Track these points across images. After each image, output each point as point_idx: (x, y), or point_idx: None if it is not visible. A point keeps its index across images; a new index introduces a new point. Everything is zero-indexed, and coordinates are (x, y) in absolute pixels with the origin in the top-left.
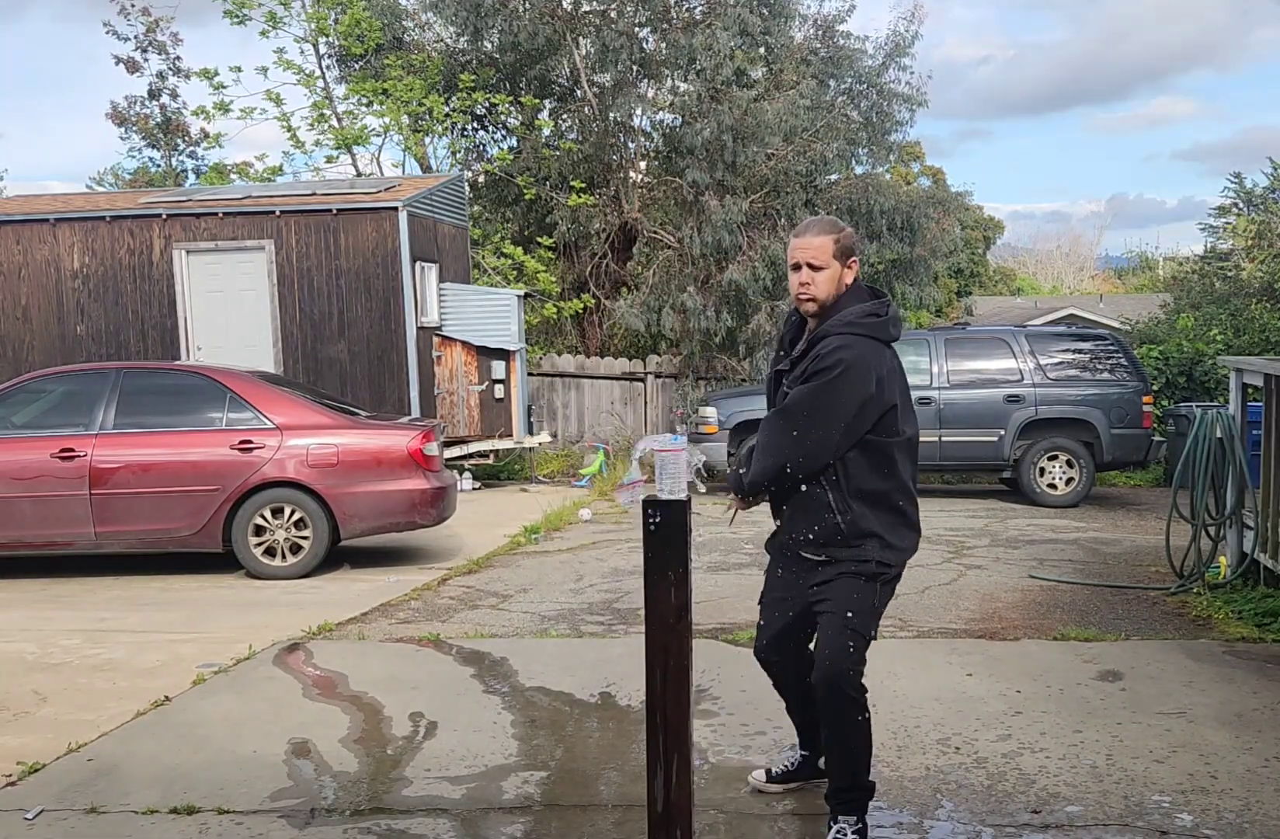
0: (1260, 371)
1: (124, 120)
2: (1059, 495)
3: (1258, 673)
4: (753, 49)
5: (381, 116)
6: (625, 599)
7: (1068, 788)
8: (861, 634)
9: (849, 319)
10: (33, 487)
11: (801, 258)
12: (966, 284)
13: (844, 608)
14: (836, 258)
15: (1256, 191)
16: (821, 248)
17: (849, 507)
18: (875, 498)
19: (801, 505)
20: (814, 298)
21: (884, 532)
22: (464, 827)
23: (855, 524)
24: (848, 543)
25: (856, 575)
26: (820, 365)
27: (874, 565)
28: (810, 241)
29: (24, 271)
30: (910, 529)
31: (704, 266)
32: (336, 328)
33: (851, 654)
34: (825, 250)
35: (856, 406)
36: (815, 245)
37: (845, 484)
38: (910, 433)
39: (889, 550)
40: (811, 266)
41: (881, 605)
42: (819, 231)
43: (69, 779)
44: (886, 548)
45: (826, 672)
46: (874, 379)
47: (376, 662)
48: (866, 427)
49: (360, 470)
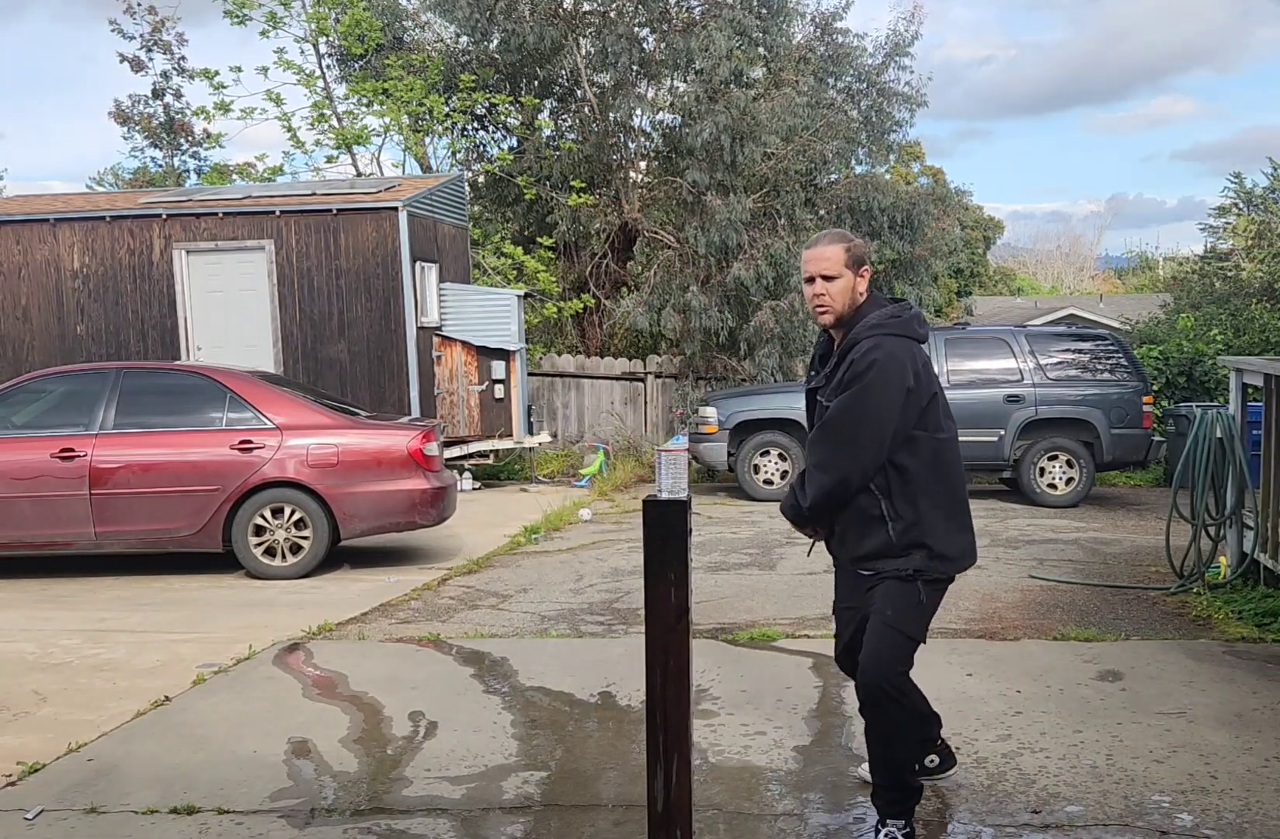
0: (1260, 371)
1: (127, 119)
2: (1059, 495)
3: (1258, 673)
4: (751, 48)
5: (381, 116)
6: (625, 599)
7: (1068, 788)
8: (901, 632)
9: (874, 322)
10: (33, 487)
11: (814, 270)
12: (966, 284)
13: (885, 607)
14: (849, 267)
15: (1256, 191)
16: (834, 258)
17: (900, 514)
18: (929, 502)
19: (853, 518)
20: (830, 309)
21: (933, 541)
22: (464, 827)
23: (906, 533)
24: (895, 554)
25: (898, 577)
26: (856, 370)
27: (913, 572)
28: (822, 252)
29: (24, 271)
30: (963, 533)
31: (705, 266)
32: (336, 328)
33: (894, 652)
34: (837, 261)
35: (899, 401)
36: (827, 256)
37: (898, 488)
38: (953, 431)
39: (936, 560)
40: (825, 277)
41: (929, 605)
42: (829, 242)
43: (69, 779)
44: (934, 558)
45: (866, 670)
46: (910, 372)
47: (376, 662)
48: (912, 420)
49: (360, 470)
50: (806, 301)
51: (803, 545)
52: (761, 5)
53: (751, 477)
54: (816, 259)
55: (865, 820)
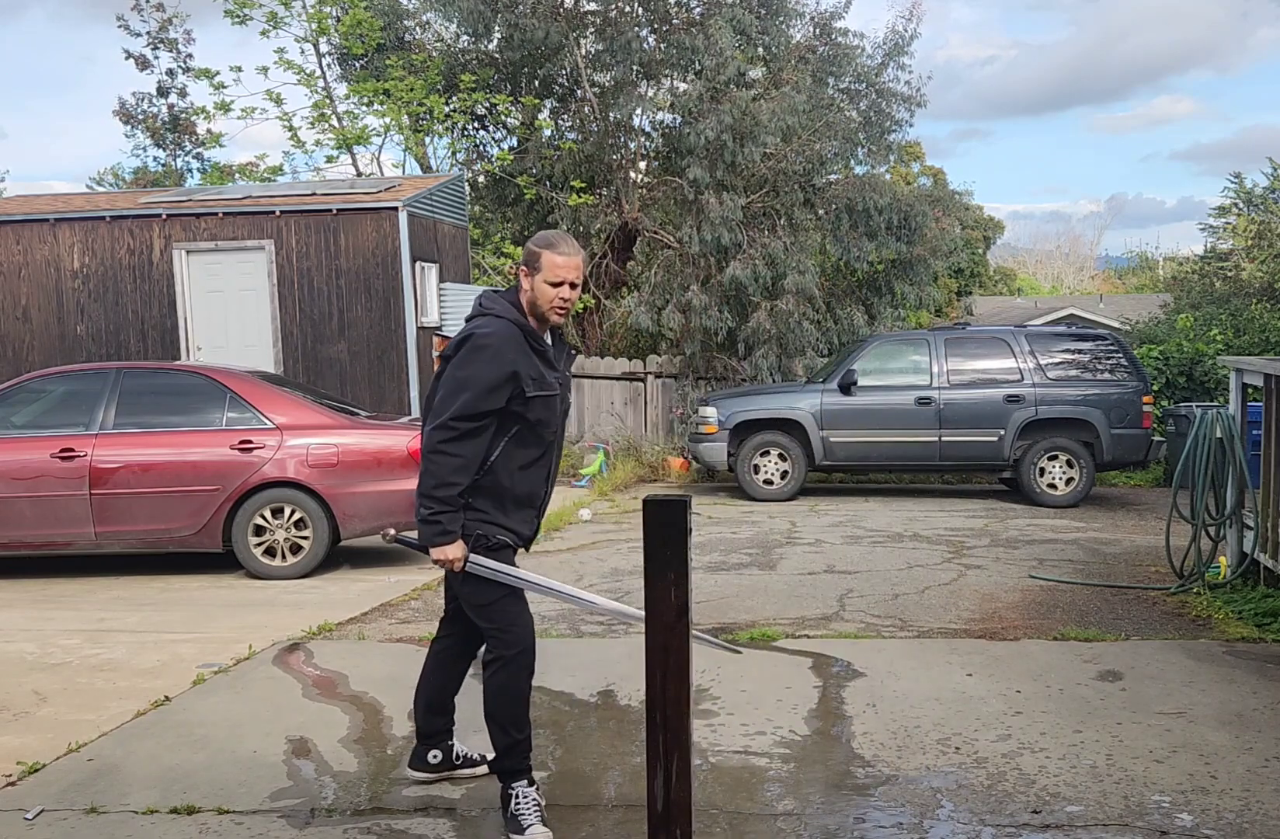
0: (1260, 371)
1: (130, 118)
2: (1059, 495)
3: (1258, 673)
4: (751, 48)
5: (382, 116)
6: (625, 599)
7: (1068, 788)
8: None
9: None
10: (33, 487)
11: (573, 276)
12: (966, 284)
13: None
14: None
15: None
16: (581, 267)
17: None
18: None
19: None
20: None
21: None
22: (464, 827)
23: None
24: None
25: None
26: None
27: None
28: (578, 261)
29: (24, 271)
30: None
31: (705, 266)
32: (336, 328)
33: None
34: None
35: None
36: (578, 265)
37: None
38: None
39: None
40: (573, 285)
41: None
42: (578, 251)
43: (69, 779)
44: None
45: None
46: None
47: (376, 662)
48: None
49: (360, 470)
50: (546, 301)
51: (803, 545)
52: (761, 5)
53: (751, 476)
54: (575, 267)
55: (865, 820)
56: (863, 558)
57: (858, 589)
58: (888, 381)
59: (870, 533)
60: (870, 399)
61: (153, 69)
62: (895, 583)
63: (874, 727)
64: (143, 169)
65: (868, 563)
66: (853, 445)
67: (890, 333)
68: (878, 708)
